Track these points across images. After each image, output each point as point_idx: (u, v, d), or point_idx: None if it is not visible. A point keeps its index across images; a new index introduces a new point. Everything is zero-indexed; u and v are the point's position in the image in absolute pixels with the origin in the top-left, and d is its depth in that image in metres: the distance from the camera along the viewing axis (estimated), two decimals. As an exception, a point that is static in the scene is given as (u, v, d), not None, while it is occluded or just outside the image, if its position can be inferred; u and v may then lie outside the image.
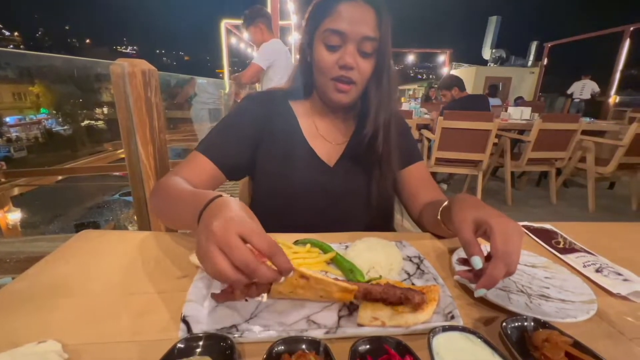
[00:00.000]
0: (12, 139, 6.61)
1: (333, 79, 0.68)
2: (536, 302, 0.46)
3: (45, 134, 7.05)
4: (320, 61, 0.67)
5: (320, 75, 0.70)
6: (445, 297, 0.45)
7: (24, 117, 7.15)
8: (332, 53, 0.66)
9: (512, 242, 0.43)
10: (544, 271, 0.54)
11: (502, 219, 0.46)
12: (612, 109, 6.85)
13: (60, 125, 6.53)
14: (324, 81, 0.69)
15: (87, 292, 0.47)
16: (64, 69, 2.76)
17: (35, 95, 6.70)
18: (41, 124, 7.18)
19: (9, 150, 6.42)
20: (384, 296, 0.42)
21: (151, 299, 0.46)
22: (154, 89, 0.90)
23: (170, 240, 0.62)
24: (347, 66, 0.65)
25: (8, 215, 2.26)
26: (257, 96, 0.80)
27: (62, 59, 1.39)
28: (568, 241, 0.65)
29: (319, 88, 0.73)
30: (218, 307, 0.43)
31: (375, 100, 0.71)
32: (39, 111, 6.99)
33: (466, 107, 3.01)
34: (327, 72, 0.68)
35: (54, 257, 0.55)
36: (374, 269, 0.51)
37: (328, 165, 0.76)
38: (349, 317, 0.43)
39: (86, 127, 4.54)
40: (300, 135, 0.77)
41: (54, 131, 6.91)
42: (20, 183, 2.41)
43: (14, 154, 6.51)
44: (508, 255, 0.42)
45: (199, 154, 0.70)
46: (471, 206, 0.51)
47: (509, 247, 0.43)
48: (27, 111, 6.82)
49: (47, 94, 5.98)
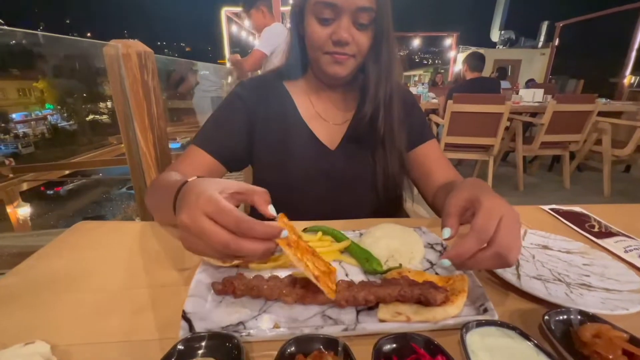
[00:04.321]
0: (19, 135, 6.67)
1: (327, 53, 0.62)
2: (577, 292, 0.41)
3: (50, 129, 7.10)
4: (312, 35, 0.61)
5: (314, 50, 0.64)
6: (475, 287, 0.40)
7: (29, 113, 7.19)
8: (324, 27, 0.60)
9: (505, 226, 0.36)
10: (580, 257, 0.49)
11: (497, 200, 0.39)
12: (626, 90, 6.61)
13: (65, 121, 6.56)
14: (318, 55, 0.64)
15: (81, 288, 0.43)
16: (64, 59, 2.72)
17: (40, 90, 6.72)
18: (46, 120, 7.23)
19: (17, 146, 6.49)
20: (401, 298, 0.37)
21: (150, 294, 0.42)
22: (151, 71, 0.85)
23: (170, 231, 0.58)
24: (342, 41, 0.59)
25: (18, 210, 2.27)
26: (249, 82, 0.75)
27: (49, 37, 1.35)
28: (603, 224, 0.59)
29: (314, 63, 0.68)
30: (223, 302, 0.39)
31: (374, 75, 0.65)
32: (44, 107, 7.02)
33: (476, 90, 2.89)
34: (320, 47, 0.62)
35: (47, 251, 0.51)
36: (393, 257, 0.47)
37: (329, 148, 0.71)
38: (368, 311, 0.38)
39: (90, 122, 4.54)
40: (298, 117, 0.71)
41: (60, 127, 6.95)
42: (27, 178, 2.42)
43: (22, 150, 6.58)
44: (484, 232, 0.36)
45: (196, 147, 0.66)
46: (472, 186, 0.44)
47: (489, 224, 0.36)
48: (33, 107, 6.86)
49: (51, 89, 5.99)
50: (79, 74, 3.44)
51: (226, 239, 0.32)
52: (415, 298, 0.37)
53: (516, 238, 0.37)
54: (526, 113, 3.35)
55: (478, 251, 0.37)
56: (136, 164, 0.88)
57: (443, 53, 12.63)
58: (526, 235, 0.55)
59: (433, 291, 0.36)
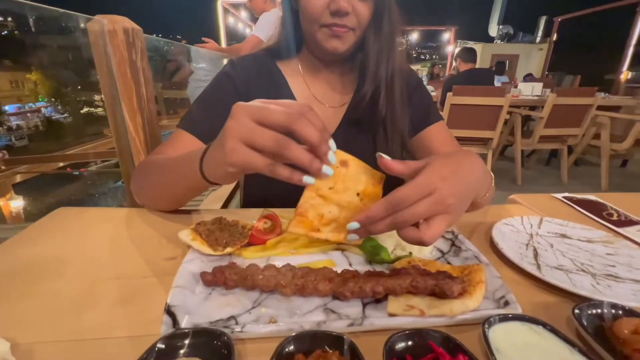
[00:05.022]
0: (12, 127, 6.56)
1: (324, 26, 0.57)
2: (604, 284, 0.37)
3: (44, 121, 6.99)
4: (308, 6, 0.56)
5: (309, 23, 0.59)
6: (493, 278, 0.36)
7: (22, 105, 7.06)
8: None
9: (430, 201, 0.32)
10: (603, 246, 0.45)
11: (446, 171, 0.34)
12: (623, 85, 6.61)
13: (59, 113, 6.45)
14: (314, 29, 0.58)
15: (55, 278, 0.39)
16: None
17: (33, 82, 6.59)
18: (40, 112, 7.10)
19: (10, 138, 6.39)
20: (413, 290, 0.33)
21: (132, 285, 0.37)
22: (139, 50, 0.79)
23: (157, 217, 0.54)
24: (341, 11, 0.54)
25: (10, 203, 2.22)
26: (239, 61, 0.69)
27: (26, 5, 1.27)
28: (622, 213, 0.56)
29: (309, 39, 0.63)
30: (213, 294, 0.35)
31: (374, 50, 0.60)
32: (37, 99, 6.89)
33: (469, 82, 2.86)
34: (316, 19, 0.57)
35: (21, 238, 0.47)
36: (401, 245, 0.43)
37: None
38: (376, 304, 0.34)
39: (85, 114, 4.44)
40: (292, 100, 0.66)
41: (54, 119, 6.84)
42: (21, 170, 2.36)
43: (15, 142, 6.49)
44: (399, 200, 0.32)
45: (182, 131, 0.61)
46: (445, 156, 0.38)
47: (408, 194, 0.32)
48: (26, 99, 6.73)
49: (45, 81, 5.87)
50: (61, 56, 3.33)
51: (277, 136, 0.32)
52: (429, 289, 0.33)
53: (434, 218, 0.32)
54: (525, 107, 3.32)
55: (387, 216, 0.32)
56: (124, 149, 0.83)
57: (441, 48, 12.56)
58: (542, 223, 0.51)
59: (449, 282, 0.32)
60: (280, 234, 0.44)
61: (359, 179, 0.37)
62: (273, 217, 0.46)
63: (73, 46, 2.58)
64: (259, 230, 0.44)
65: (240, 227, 0.45)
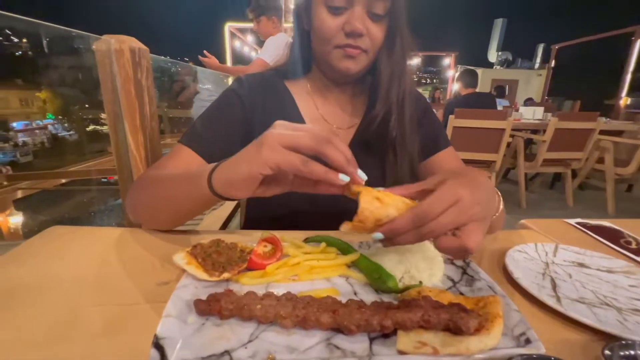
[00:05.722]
0: (18, 144, 6.69)
1: (338, 47, 0.57)
2: (632, 320, 0.34)
3: (50, 138, 7.14)
4: (322, 27, 0.56)
5: (322, 44, 0.58)
6: (511, 312, 0.34)
7: (30, 122, 7.22)
8: (335, 16, 0.55)
9: (457, 210, 0.33)
10: (625, 277, 0.42)
11: (464, 183, 0.35)
12: (623, 111, 6.67)
13: (66, 130, 6.58)
14: (327, 50, 0.58)
15: (38, 302, 0.36)
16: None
17: (42, 100, 6.77)
18: (47, 129, 7.25)
19: (15, 155, 6.49)
20: (424, 324, 0.30)
21: (119, 312, 0.35)
22: (145, 70, 0.79)
23: (152, 238, 0.51)
24: (356, 32, 0.54)
25: (9, 219, 2.20)
26: (248, 79, 0.68)
27: (39, 24, 1.31)
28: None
29: (321, 59, 0.62)
30: (206, 325, 0.32)
31: (387, 72, 0.60)
32: (45, 117, 7.05)
33: (471, 105, 2.90)
34: (330, 40, 0.56)
35: (9, 258, 0.44)
36: (409, 273, 0.40)
37: None
38: (384, 340, 0.31)
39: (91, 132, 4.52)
40: (300, 120, 0.66)
41: (60, 136, 6.98)
42: (22, 186, 2.36)
43: (20, 159, 6.59)
44: (425, 213, 0.33)
45: (184, 147, 0.59)
46: (454, 173, 0.39)
47: (434, 205, 0.33)
48: (34, 117, 6.90)
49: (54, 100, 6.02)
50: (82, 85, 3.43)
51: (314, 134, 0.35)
52: (443, 324, 0.30)
53: (468, 226, 0.33)
54: (526, 130, 3.34)
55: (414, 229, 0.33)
56: (125, 166, 0.82)
57: (442, 72, 12.85)
58: (557, 250, 0.48)
59: (465, 316, 0.29)
60: (280, 259, 0.42)
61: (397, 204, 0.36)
62: (274, 241, 0.44)
63: (83, 66, 2.65)
64: (258, 254, 0.41)
65: (238, 250, 0.42)
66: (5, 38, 3.13)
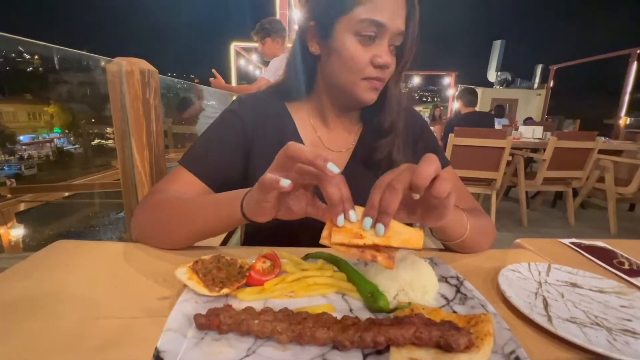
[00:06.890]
0: (23, 157, 6.77)
1: (366, 79, 0.58)
2: (621, 340, 0.35)
3: (56, 152, 7.22)
4: (352, 58, 0.56)
5: (350, 74, 0.58)
6: (502, 330, 0.34)
7: (36, 135, 7.33)
8: (365, 47, 0.56)
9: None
10: (616, 298, 0.43)
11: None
12: (623, 131, 6.73)
13: (71, 144, 6.68)
14: (354, 80, 0.58)
15: (40, 315, 0.37)
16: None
17: (50, 115, 6.91)
18: (53, 142, 7.35)
19: (20, 167, 6.55)
20: (416, 341, 0.31)
21: (121, 326, 0.36)
22: (153, 90, 0.83)
23: (155, 252, 0.53)
24: (387, 65, 0.56)
25: (11, 232, 2.21)
26: (248, 99, 0.69)
27: (53, 48, 1.37)
28: (634, 262, 0.54)
29: (342, 88, 0.61)
30: (205, 339, 0.33)
31: (394, 98, 0.63)
32: (52, 130, 7.18)
33: (470, 124, 2.95)
34: (361, 72, 0.57)
35: (15, 271, 0.46)
36: (403, 291, 0.41)
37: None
38: (377, 356, 0.32)
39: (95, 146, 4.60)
40: (299, 142, 0.68)
41: (65, 149, 7.07)
42: (25, 199, 2.37)
43: (25, 171, 6.65)
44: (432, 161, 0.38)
45: (183, 170, 0.60)
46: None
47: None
48: (41, 130, 7.03)
49: (61, 114, 6.14)
50: (79, 93, 3.50)
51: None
52: (434, 341, 0.31)
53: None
54: (526, 149, 3.37)
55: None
56: (129, 182, 0.84)
57: (442, 91, 13.09)
58: (550, 270, 0.49)
59: (455, 333, 0.30)
60: (279, 275, 0.43)
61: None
62: (272, 257, 0.45)
63: (90, 82, 2.74)
64: (257, 270, 0.43)
65: (238, 266, 0.44)
66: (17, 55, 3.23)
